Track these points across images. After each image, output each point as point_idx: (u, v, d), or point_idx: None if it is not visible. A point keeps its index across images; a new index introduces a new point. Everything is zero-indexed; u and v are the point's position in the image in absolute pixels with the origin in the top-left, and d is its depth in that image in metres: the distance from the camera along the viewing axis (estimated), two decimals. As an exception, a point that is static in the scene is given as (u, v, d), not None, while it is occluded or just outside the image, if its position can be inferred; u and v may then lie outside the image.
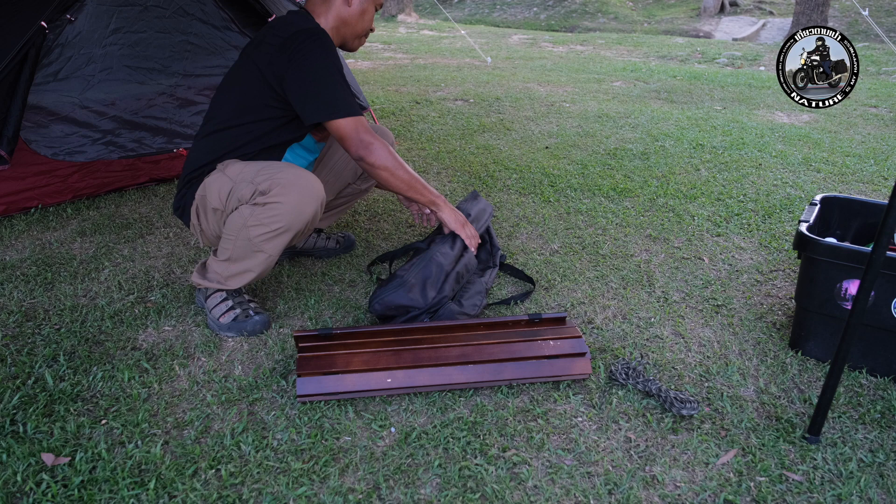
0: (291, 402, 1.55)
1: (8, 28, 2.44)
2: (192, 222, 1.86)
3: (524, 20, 14.34)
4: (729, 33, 11.74)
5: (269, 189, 1.67)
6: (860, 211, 1.94)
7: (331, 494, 1.28)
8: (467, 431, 1.45)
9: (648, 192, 3.01)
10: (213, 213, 1.78)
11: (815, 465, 1.37)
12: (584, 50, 9.08)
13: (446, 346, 1.63)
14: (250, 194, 1.69)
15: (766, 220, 2.70)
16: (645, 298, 2.06)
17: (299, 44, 1.70)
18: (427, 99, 5.21)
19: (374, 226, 2.64)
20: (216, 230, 1.82)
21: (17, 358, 1.70)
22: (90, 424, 1.46)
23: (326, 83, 1.72)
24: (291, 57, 1.69)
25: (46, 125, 2.66)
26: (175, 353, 1.74)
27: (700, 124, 4.36)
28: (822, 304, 1.66)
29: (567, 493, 1.29)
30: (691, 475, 1.34)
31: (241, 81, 1.81)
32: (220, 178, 1.75)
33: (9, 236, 2.46)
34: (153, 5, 2.84)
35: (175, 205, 1.92)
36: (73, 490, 1.27)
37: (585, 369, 1.61)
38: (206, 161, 1.81)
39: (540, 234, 2.56)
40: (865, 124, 4.45)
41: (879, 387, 1.63)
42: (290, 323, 1.90)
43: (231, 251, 1.75)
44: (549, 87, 5.82)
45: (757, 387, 1.63)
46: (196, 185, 1.82)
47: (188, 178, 1.85)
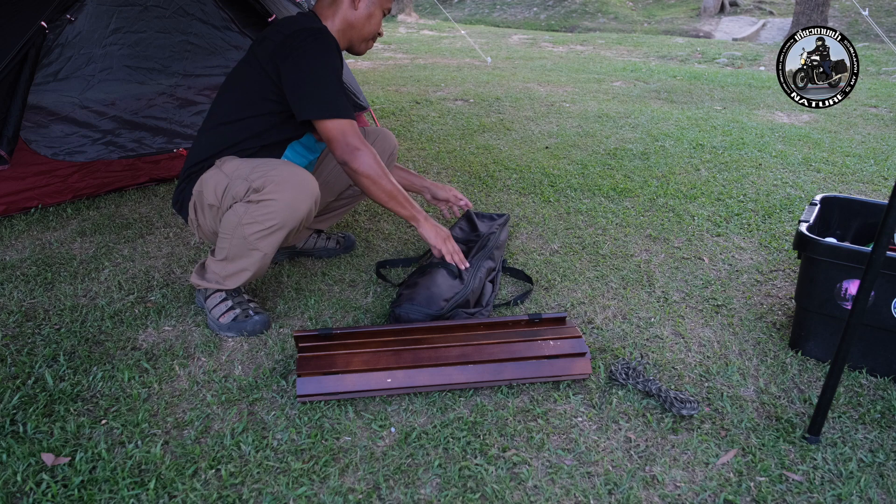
0: (291, 402, 1.55)
1: (8, 28, 2.44)
2: (189, 217, 1.88)
3: (524, 20, 14.34)
4: (729, 33, 11.74)
5: (262, 186, 1.68)
6: (860, 211, 1.94)
7: (331, 494, 1.28)
8: (467, 431, 1.45)
9: (648, 192, 3.01)
10: (209, 209, 1.79)
11: (815, 465, 1.37)
12: (584, 50, 9.08)
13: (446, 346, 1.63)
14: (244, 191, 1.70)
15: (766, 220, 2.70)
16: (645, 298, 2.06)
17: (300, 41, 1.72)
18: (427, 99, 5.21)
19: (375, 226, 2.64)
20: (212, 226, 1.83)
21: (17, 358, 1.70)
22: (90, 424, 1.46)
23: (321, 82, 1.73)
24: (290, 53, 1.71)
25: (46, 125, 2.66)
26: (175, 353, 1.74)
27: (700, 124, 4.36)
28: (822, 304, 1.66)
29: (567, 493, 1.29)
30: (691, 475, 1.34)
31: (244, 77, 1.83)
32: (216, 175, 1.76)
33: (9, 236, 2.46)
34: (153, 5, 2.85)
35: (174, 199, 1.93)
36: (73, 490, 1.27)
37: (585, 369, 1.61)
38: (206, 156, 1.82)
39: (540, 234, 2.56)
40: (865, 124, 4.45)
41: (879, 387, 1.63)
42: (290, 323, 1.90)
43: (228, 250, 1.76)
44: (549, 87, 5.82)
45: (757, 387, 1.63)
46: (195, 180, 1.83)
47: (188, 173, 1.86)
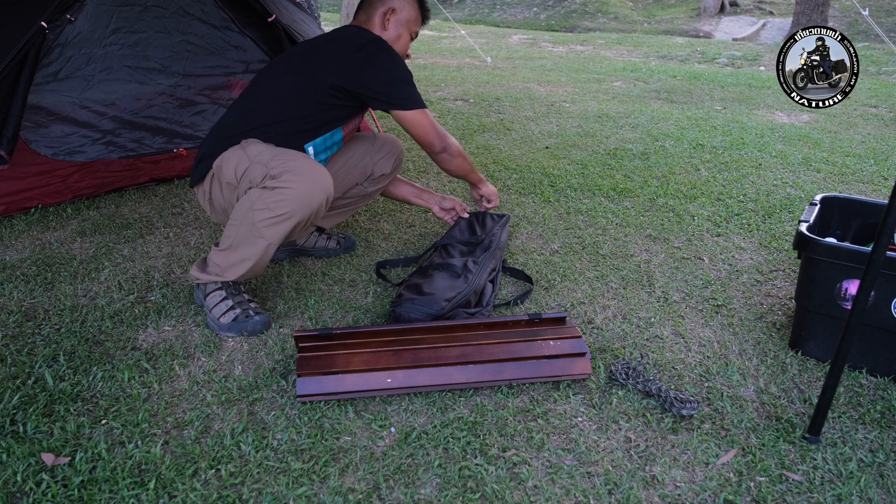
0: (291, 402, 1.55)
1: (8, 28, 2.44)
2: (203, 188, 1.91)
3: (524, 20, 14.34)
4: (729, 33, 11.74)
5: (280, 174, 1.71)
6: (860, 211, 1.94)
7: (331, 494, 1.28)
8: (467, 431, 1.45)
9: (648, 192, 3.01)
10: (226, 186, 1.84)
11: (815, 465, 1.37)
12: (584, 50, 9.08)
13: (446, 346, 1.63)
14: (262, 177, 1.74)
15: (766, 220, 2.70)
16: (645, 298, 2.06)
17: (377, 46, 1.90)
18: (427, 99, 5.21)
19: (375, 226, 2.64)
20: (224, 204, 1.88)
21: (17, 358, 1.70)
22: (90, 424, 1.46)
23: (403, 79, 1.93)
24: (368, 59, 1.88)
25: (46, 125, 2.66)
26: (175, 353, 1.74)
27: (700, 124, 4.36)
28: (822, 304, 1.66)
29: (567, 493, 1.29)
30: (691, 475, 1.34)
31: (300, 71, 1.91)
32: (239, 154, 1.80)
33: (9, 236, 2.46)
34: (153, 5, 2.84)
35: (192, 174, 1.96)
36: (73, 490, 1.27)
37: (585, 369, 1.61)
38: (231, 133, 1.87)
39: (540, 234, 2.56)
40: (865, 124, 4.45)
41: (879, 387, 1.63)
42: (290, 323, 1.90)
43: (233, 238, 1.78)
44: (549, 87, 5.82)
45: (757, 387, 1.63)
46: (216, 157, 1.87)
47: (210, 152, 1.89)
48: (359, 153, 2.21)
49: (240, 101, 1.97)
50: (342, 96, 1.90)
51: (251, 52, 3.14)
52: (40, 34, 2.44)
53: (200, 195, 1.95)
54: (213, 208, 1.94)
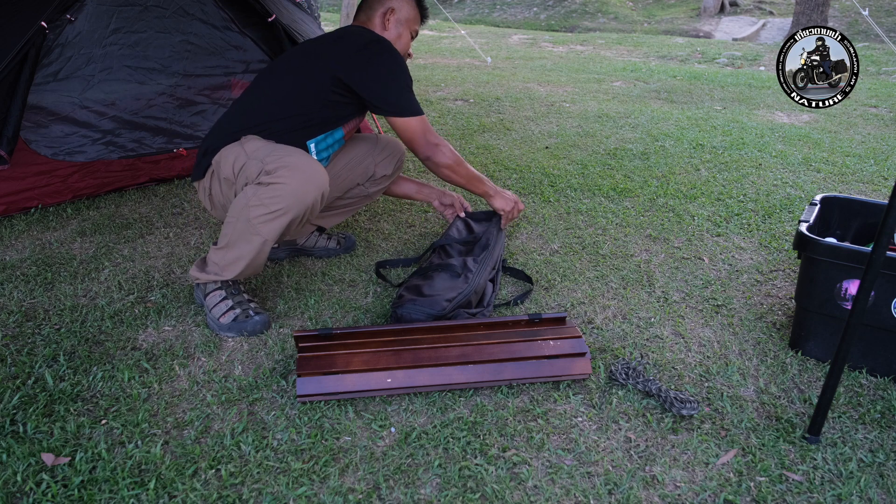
0: (291, 402, 1.55)
1: (8, 28, 2.44)
2: (204, 185, 1.92)
3: (524, 20, 14.34)
4: (729, 33, 11.74)
5: (275, 170, 1.72)
6: (860, 211, 1.94)
7: (331, 494, 1.28)
8: (467, 431, 1.45)
9: (648, 192, 3.01)
10: (224, 182, 1.85)
11: (815, 465, 1.37)
12: (584, 50, 9.08)
13: (446, 346, 1.63)
14: (257, 173, 1.75)
15: (766, 220, 2.70)
16: (645, 298, 2.06)
17: (381, 47, 1.90)
18: (427, 99, 5.21)
19: (375, 226, 2.64)
20: (224, 201, 1.89)
21: (17, 358, 1.70)
22: (90, 424, 1.46)
23: (402, 84, 1.93)
24: (371, 59, 1.88)
25: (46, 125, 2.66)
26: (175, 353, 1.74)
27: (700, 124, 4.36)
28: (822, 304, 1.66)
29: (567, 493, 1.29)
30: (691, 475, 1.34)
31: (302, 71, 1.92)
32: (237, 150, 1.82)
33: (9, 236, 2.46)
34: (153, 5, 2.84)
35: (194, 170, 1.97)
36: (73, 490, 1.27)
37: (585, 369, 1.61)
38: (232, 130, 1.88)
39: (540, 234, 2.56)
40: (865, 124, 4.45)
41: (879, 387, 1.63)
42: (290, 323, 1.90)
43: (230, 235, 1.78)
44: (549, 87, 5.82)
45: (757, 387, 1.63)
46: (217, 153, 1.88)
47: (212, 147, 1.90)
48: (361, 154, 2.21)
49: (241, 99, 1.98)
50: (344, 92, 1.90)
51: (251, 52, 3.14)
52: (40, 34, 2.44)
53: (201, 191, 1.96)
54: (213, 204, 1.95)
